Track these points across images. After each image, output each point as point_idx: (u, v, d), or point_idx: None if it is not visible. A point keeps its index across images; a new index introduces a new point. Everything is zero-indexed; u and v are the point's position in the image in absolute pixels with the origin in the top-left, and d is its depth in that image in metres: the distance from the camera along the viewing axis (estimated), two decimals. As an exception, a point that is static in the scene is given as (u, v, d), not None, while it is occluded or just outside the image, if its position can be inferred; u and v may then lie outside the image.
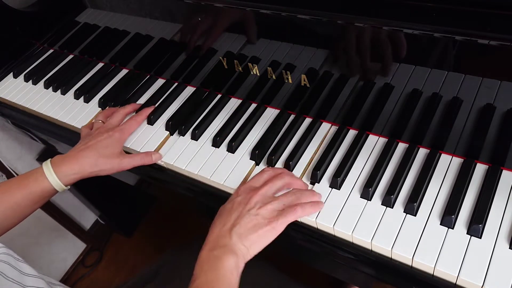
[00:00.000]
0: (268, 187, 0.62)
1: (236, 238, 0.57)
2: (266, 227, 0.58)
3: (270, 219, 0.59)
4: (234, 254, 0.56)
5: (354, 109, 0.71)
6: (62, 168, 0.71)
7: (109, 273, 1.61)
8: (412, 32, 0.56)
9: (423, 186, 0.63)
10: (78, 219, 1.59)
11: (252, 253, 0.58)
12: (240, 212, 0.60)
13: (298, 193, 0.63)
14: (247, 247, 0.57)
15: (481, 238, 0.56)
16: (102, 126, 0.79)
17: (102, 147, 0.73)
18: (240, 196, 0.62)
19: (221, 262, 0.55)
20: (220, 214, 0.62)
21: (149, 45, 0.90)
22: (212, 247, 0.58)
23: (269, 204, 0.60)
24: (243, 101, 0.84)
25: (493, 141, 0.61)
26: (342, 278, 0.75)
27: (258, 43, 0.73)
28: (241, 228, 0.58)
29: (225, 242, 0.57)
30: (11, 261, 0.59)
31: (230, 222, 0.59)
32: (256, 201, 0.61)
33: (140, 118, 0.82)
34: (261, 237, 0.58)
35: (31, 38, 1.11)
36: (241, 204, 0.61)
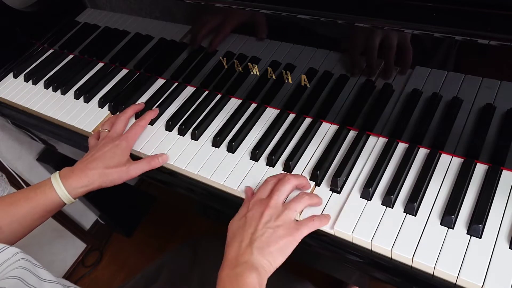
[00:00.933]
0: (277, 196, 0.61)
1: (257, 253, 0.56)
2: (287, 238, 0.58)
3: (290, 230, 0.58)
4: (255, 270, 0.55)
5: (354, 109, 0.71)
6: (71, 181, 0.70)
7: (109, 273, 1.61)
8: (412, 32, 0.56)
9: (423, 186, 0.63)
10: (78, 219, 1.59)
11: (275, 266, 0.57)
12: (255, 227, 0.58)
13: (306, 196, 0.62)
14: (270, 261, 0.56)
15: (481, 238, 0.56)
16: (107, 135, 0.77)
17: (109, 157, 0.72)
18: (252, 211, 0.60)
19: (244, 280, 0.54)
20: (233, 233, 0.60)
21: (149, 45, 0.90)
22: (234, 265, 0.56)
23: (283, 215, 0.59)
24: (243, 101, 0.84)
25: (493, 141, 0.61)
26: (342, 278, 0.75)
27: (258, 43, 0.73)
28: (261, 243, 0.56)
29: (246, 259, 0.56)
30: (30, 267, 0.58)
31: (248, 238, 0.57)
32: (270, 214, 0.59)
33: (143, 122, 0.81)
34: (283, 249, 0.57)
35: (31, 38, 1.11)
36: (255, 219, 0.59)
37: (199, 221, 1.64)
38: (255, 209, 0.61)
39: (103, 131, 0.79)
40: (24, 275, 0.56)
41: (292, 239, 0.58)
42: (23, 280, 0.55)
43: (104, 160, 0.72)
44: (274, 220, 0.59)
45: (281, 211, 0.60)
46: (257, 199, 0.62)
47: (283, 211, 0.60)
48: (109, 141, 0.75)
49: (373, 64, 0.64)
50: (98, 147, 0.75)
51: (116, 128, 0.79)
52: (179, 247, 0.96)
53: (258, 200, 0.62)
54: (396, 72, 0.63)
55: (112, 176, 0.72)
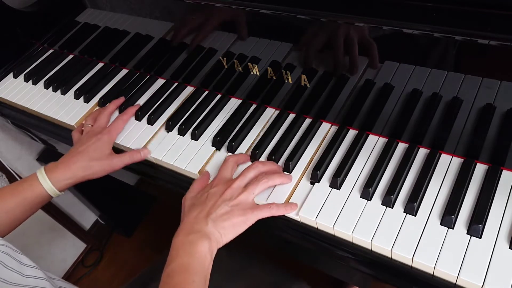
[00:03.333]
0: (240, 180, 0.65)
1: (211, 224, 0.60)
2: (240, 217, 0.62)
3: (245, 211, 0.62)
4: (208, 239, 0.59)
5: (354, 109, 0.71)
6: (56, 174, 0.73)
7: (109, 273, 1.61)
8: (412, 32, 0.56)
9: (423, 186, 0.63)
10: (78, 219, 1.59)
11: (225, 240, 0.61)
12: (215, 202, 0.63)
13: (264, 179, 0.66)
14: (221, 234, 0.61)
15: (481, 238, 0.56)
16: (90, 130, 0.80)
17: (92, 151, 0.75)
18: (215, 188, 0.65)
19: (196, 247, 0.58)
20: (193, 203, 0.65)
21: (149, 45, 0.90)
22: (188, 232, 0.60)
23: (241, 196, 0.64)
24: (243, 101, 0.84)
25: (493, 141, 0.61)
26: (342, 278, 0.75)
27: (258, 43, 0.73)
28: (217, 216, 0.61)
29: (200, 228, 0.60)
30: (10, 252, 0.60)
31: (206, 210, 0.62)
32: (231, 193, 0.64)
33: (125, 116, 0.84)
34: (235, 226, 0.61)
35: (31, 38, 1.11)
36: (216, 195, 0.64)
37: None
38: (218, 187, 0.65)
39: (86, 126, 0.82)
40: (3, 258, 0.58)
41: (245, 219, 0.62)
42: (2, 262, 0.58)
43: (87, 153, 0.75)
44: (233, 199, 0.63)
45: (240, 192, 0.64)
46: (221, 178, 0.67)
47: (242, 192, 0.64)
48: (92, 135, 0.78)
49: (373, 64, 0.64)
50: (81, 141, 0.78)
51: (99, 122, 0.81)
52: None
53: (223, 179, 0.67)
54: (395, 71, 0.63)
55: (95, 168, 0.74)
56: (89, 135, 0.78)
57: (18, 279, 0.58)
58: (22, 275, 0.59)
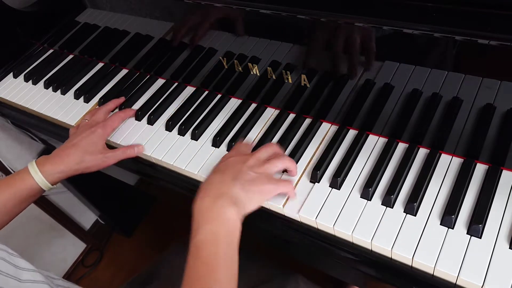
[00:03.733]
0: (261, 152, 0.64)
1: (239, 186, 0.57)
2: (268, 185, 0.60)
3: (271, 180, 0.61)
4: (235, 204, 0.56)
5: (354, 109, 0.71)
6: (47, 167, 0.72)
7: (109, 273, 1.61)
8: (412, 32, 0.56)
9: (423, 186, 0.63)
10: (78, 219, 1.59)
11: (251, 207, 0.59)
12: (240, 167, 0.60)
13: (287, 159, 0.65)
14: (250, 198, 0.58)
15: (481, 238, 0.56)
16: (86, 123, 0.80)
17: (86, 144, 0.74)
18: (235, 157, 0.63)
19: (225, 213, 0.55)
20: (215, 171, 0.62)
21: (149, 45, 0.90)
22: (214, 196, 0.57)
23: (265, 165, 0.62)
24: (243, 101, 0.84)
25: (493, 141, 0.61)
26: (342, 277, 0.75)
27: (258, 43, 0.73)
28: (244, 179, 0.59)
29: (228, 190, 0.57)
30: (6, 256, 0.59)
31: (231, 173, 0.59)
32: (254, 163, 0.62)
33: (123, 114, 0.83)
34: (261, 193, 0.60)
35: (31, 38, 1.11)
36: (239, 162, 0.62)
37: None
38: (239, 156, 0.63)
39: (83, 121, 0.82)
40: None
41: (272, 188, 0.61)
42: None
43: (81, 147, 0.74)
44: (258, 167, 0.61)
45: (264, 163, 0.62)
46: (239, 150, 0.66)
47: (265, 164, 0.62)
48: (86, 128, 0.77)
49: (373, 64, 0.64)
50: (76, 134, 0.77)
51: (95, 117, 0.81)
52: (178, 246, 0.96)
53: (241, 152, 0.65)
54: (395, 71, 0.63)
55: (88, 162, 0.74)
56: (84, 128, 0.78)
57: (14, 285, 0.57)
58: (19, 280, 0.58)
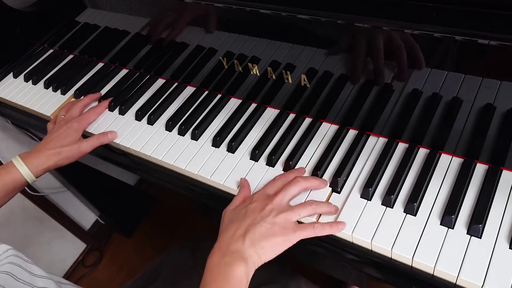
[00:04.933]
0: (282, 195, 0.61)
1: (248, 244, 0.56)
2: (282, 237, 0.57)
3: (286, 230, 0.58)
4: (244, 261, 0.55)
5: (354, 109, 0.71)
6: (31, 161, 0.77)
7: (109, 273, 1.61)
8: (412, 32, 0.56)
9: (423, 186, 0.63)
10: (78, 219, 1.59)
11: (263, 261, 0.57)
12: (254, 219, 0.58)
13: (314, 204, 0.61)
14: (259, 254, 0.56)
15: (481, 238, 0.56)
16: (62, 119, 0.84)
17: (62, 137, 0.79)
18: (255, 203, 0.61)
19: (232, 270, 0.54)
20: (231, 219, 0.61)
21: (149, 45, 0.89)
22: (223, 253, 0.56)
23: (284, 213, 0.59)
24: (243, 101, 0.84)
25: (493, 141, 0.61)
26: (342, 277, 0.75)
27: (258, 43, 0.73)
28: (255, 234, 0.57)
29: (237, 248, 0.56)
30: (21, 263, 0.60)
31: (244, 227, 0.58)
32: (272, 209, 0.59)
33: (99, 109, 0.87)
34: (275, 246, 0.57)
35: (31, 38, 1.11)
36: (256, 211, 0.59)
37: (199, 221, 1.64)
38: (258, 202, 0.61)
39: (60, 116, 0.86)
40: (14, 270, 0.58)
41: (286, 239, 0.57)
42: (13, 275, 0.57)
43: (58, 140, 0.79)
44: (273, 217, 0.58)
45: (284, 210, 0.59)
46: (263, 193, 0.63)
47: (286, 211, 0.59)
48: (63, 123, 0.82)
49: (373, 64, 0.64)
50: (53, 130, 0.82)
51: (71, 112, 0.85)
52: (178, 246, 0.96)
53: (264, 194, 0.62)
54: (395, 72, 0.63)
55: (65, 153, 0.78)
56: (60, 124, 0.82)
57: None
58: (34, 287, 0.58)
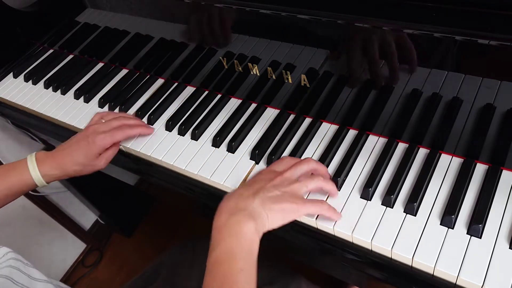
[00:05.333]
0: (293, 170, 0.60)
1: (258, 202, 0.55)
2: (291, 204, 0.57)
3: (296, 199, 0.57)
4: (254, 219, 0.53)
5: (354, 109, 0.71)
6: (46, 167, 0.73)
7: (109, 273, 1.61)
8: (412, 32, 0.56)
9: (423, 186, 0.63)
10: (78, 219, 1.59)
11: (271, 225, 0.56)
12: (263, 185, 0.57)
13: (321, 179, 0.61)
14: (268, 215, 0.55)
15: (481, 238, 0.56)
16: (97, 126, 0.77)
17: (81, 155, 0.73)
18: (263, 175, 0.60)
19: (241, 228, 0.53)
20: (236, 190, 0.60)
21: (149, 45, 0.90)
22: (231, 211, 0.55)
23: (294, 185, 0.58)
24: (243, 101, 0.84)
25: (493, 141, 0.61)
26: (342, 278, 0.75)
27: (258, 43, 0.73)
28: (265, 197, 0.56)
29: (246, 205, 0.55)
30: (20, 266, 0.60)
31: (253, 189, 0.57)
32: (282, 180, 0.59)
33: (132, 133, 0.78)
34: (283, 212, 0.56)
35: (31, 38, 1.11)
36: (265, 180, 0.59)
37: (199, 221, 1.64)
38: (267, 174, 0.60)
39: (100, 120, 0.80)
40: (13, 274, 0.58)
41: (295, 207, 0.57)
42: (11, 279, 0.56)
43: (75, 157, 0.74)
44: (284, 186, 0.58)
45: (293, 182, 0.59)
46: (271, 169, 0.62)
47: (294, 182, 0.59)
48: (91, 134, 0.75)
49: (373, 64, 0.64)
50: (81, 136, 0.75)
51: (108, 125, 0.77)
52: (178, 246, 0.96)
53: (272, 170, 0.62)
54: (395, 72, 0.63)
55: (81, 172, 0.75)
56: (89, 132, 0.75)
57: None
58: None
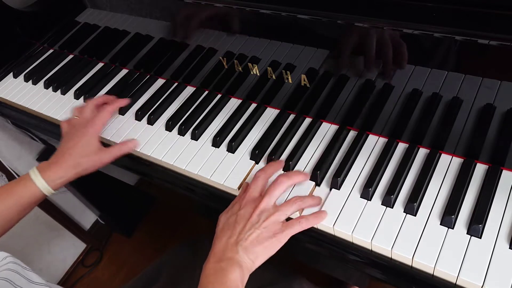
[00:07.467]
0: (267, 198, 0.62)
1: (242, 252, 0.59)
2: (271, 239, 0.60)
3: (275, 231, 0.60)
4: (239, 266, 0.57)
5: (354, 109, 0.71)
6: (48, 174, 0.74)
7: (109, 273, 1.61)
8: (412, 32, 0.56)
9: (423, 186, 0.63)
10: (78, 219, 1.59)
11: (257, 265, 0.60)
12: (243, 227, 0.60)
13: (298, 201, 0.63)
14: (252, 260, 0.59)
15: (481, 238, 0.56)
16: (77, 121, 0.80)
17: (80, 148, 0.75)
18: (243, 209, 0.62)
19: (227, 275, 0.57)
20: (223, 227, 0.63)
21: (149, 45, 0.90)
22: (219, 259, 0.59)
23: (272, 216, 0.61)
24: (243, 101, 0.84)
25: (493, 141, 0.61)
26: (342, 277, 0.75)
27: (258, 43, 0.73)
28: (247, 242, 0.59)
29: (231, 255, 0.58)
30: (19, 269, 0.60)
31: (235, 235, 0.60)
32: (259, 215, 0.61)
33: (111, 108, 0.82)
34: (266, 249, 0.60)
35: (31, 38, 1.11)
36: (244, 218, 0.61)
37: (199, 221, 1.64)
38: (246, 208, 0.63)
39: (74, 118, 0.82)
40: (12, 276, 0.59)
41: (276, 241, 0.60)
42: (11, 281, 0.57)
43: (76, 151, 0.75)
44: (262, 221, 0.61)
45: (271, 213, 0.61)
46: (249, 197, 0.64)
47: (273, 213, 0.61)
48: (78, 128, 0.78)
49: (373, 64, 0.64)
50: (68, 136, 0.78)
51: (84, 114, 0.81)
52: (179, 247, 0.96)
53: (251, 199, 0.64)
54: (395, 71, 0.63)
55: (86, 165, 0.75)
56: (76, 128, 0.78)
57: None
58: None
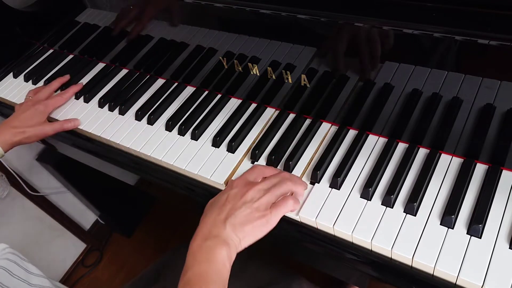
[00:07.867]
0: (263, 184, 0.63)
1: (230, 229, 0.58)
2: (261, 219, 0.59)
3: (264, 212, 0.60)
4: (226, 245, 0.57)
5: (354, 109, 0.71)
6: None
7: (109, 273, 1.61)
8: (412, 32, 0.56)
9: (423, 186, 0.63)
10: (78, 219, 1.59)
11: (244, 245, 0.59)
12: (234, 204, 0.60)
13: (289, 182, 0.64)
14: (240, 238, 0.58)
15: (481, 238, 0.56)
16: (28, 100, 0.90)
17: (28, 118, 0.85)
18: (236, 189, 0.63)
19: (214, 254, 0.56)
20: (212, 205, 0.63)
21: (149, 45, 0.90)
22: (205, 237, 0.58)
23: (263, 197, 0.61)
24: (243, 101, 0.84)
25: (493, 141, 0.61)
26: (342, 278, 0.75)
27: (258, 43, 0.73)
28: (236, 219, 0.59)
29: (218, 232, 0.58)
30: (18, 260, 0.62)
31: (225, 212, 0.60)
32: (253, 195, 0.61)
33: (66, 94, 0.91)
34: (255, 229, 0.59)
35: (31, 38, 1.11)
36: (237, 197, 0.61)
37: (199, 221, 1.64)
38: (239, 188, 0.63)
39: (27, 98, 0.91)
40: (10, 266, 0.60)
41: (265, 222, 0.60)
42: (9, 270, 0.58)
43: (24, 120, 0.85)
44: (254, 202, 0.60)
45: (262, 194, 0.62)
46: (243, 179, 0.65)
47: (264, 195, 0.61)
48: (30, 104, 0.87)
49: (373, 64, 0.64)
50: (21, 109, 0.87)
51: (38, 95, 0.90)
52: (179, 247, 0.96)
53: (245, 181, 0.64)
54: (395, 71, 0.63)
55: (29, 133, 0.84)
56: (28, 105, 0.87)
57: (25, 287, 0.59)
58: (29, 283, 0.60)
